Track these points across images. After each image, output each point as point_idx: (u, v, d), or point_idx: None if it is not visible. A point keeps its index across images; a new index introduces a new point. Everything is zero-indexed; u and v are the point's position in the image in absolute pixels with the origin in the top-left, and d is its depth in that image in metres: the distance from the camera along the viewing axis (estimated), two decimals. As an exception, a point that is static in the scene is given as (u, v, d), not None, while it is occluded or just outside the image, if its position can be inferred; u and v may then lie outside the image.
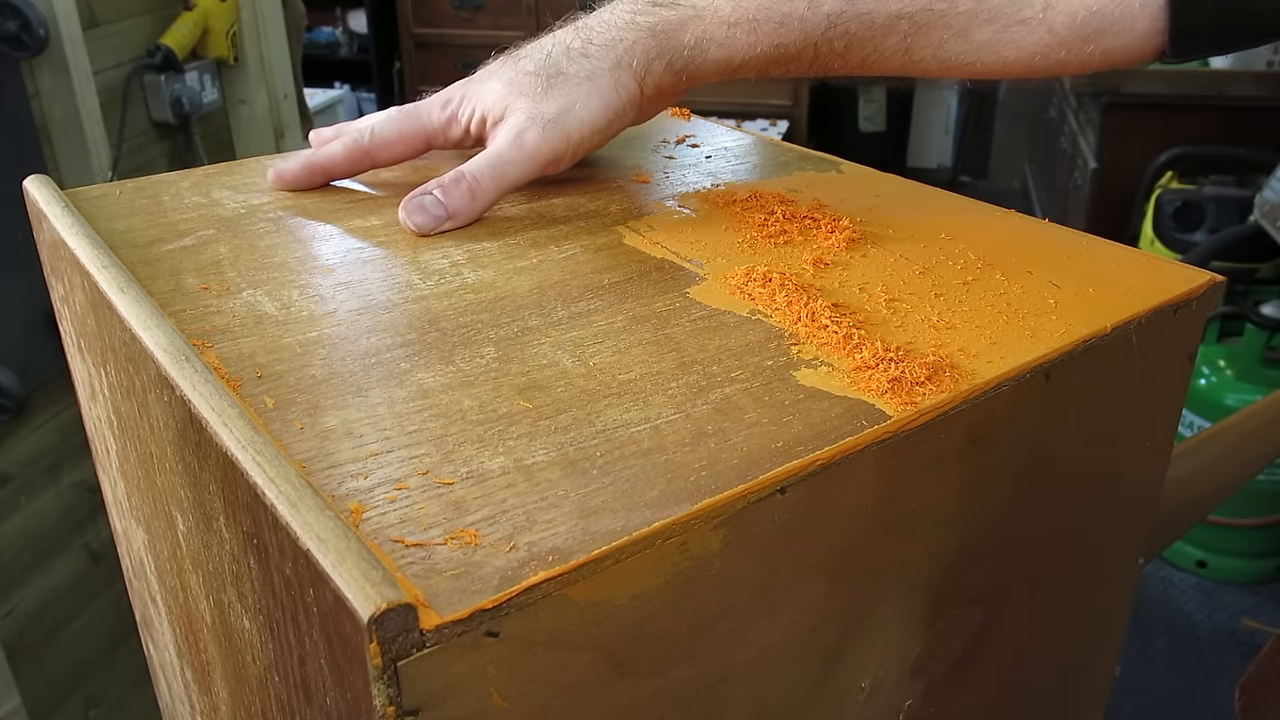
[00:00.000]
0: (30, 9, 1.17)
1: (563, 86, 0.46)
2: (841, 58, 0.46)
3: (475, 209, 0.46)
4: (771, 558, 0.30)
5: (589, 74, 0.46)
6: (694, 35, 0.46)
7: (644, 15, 0.47)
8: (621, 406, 0.32)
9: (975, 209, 0.50)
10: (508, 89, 0.48)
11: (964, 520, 0.36)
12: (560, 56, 0.47)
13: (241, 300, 0.38)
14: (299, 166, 0.50)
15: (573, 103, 0.46)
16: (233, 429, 0.28)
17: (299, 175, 0.50)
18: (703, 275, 0.41)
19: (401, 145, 0.50)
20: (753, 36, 0.46)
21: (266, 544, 0.27)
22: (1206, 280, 0.41)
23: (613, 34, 0.47)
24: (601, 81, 0.47)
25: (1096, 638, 0.49)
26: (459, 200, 0.45)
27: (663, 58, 0.47)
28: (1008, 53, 0.45)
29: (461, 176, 0.46)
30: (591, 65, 0.47)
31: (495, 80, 0.48)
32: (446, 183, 0.46)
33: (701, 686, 0.30)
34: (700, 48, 0.46)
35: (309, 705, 0.28)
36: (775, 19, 0.45)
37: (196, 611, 0.39)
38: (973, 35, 0.44)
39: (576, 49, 0.47)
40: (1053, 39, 0.44)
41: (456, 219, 0.45)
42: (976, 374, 0.34)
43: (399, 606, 0.22)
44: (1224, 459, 0.54)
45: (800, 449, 0.30)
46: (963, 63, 0.46)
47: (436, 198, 0.45)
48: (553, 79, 0.47)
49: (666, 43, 0.47)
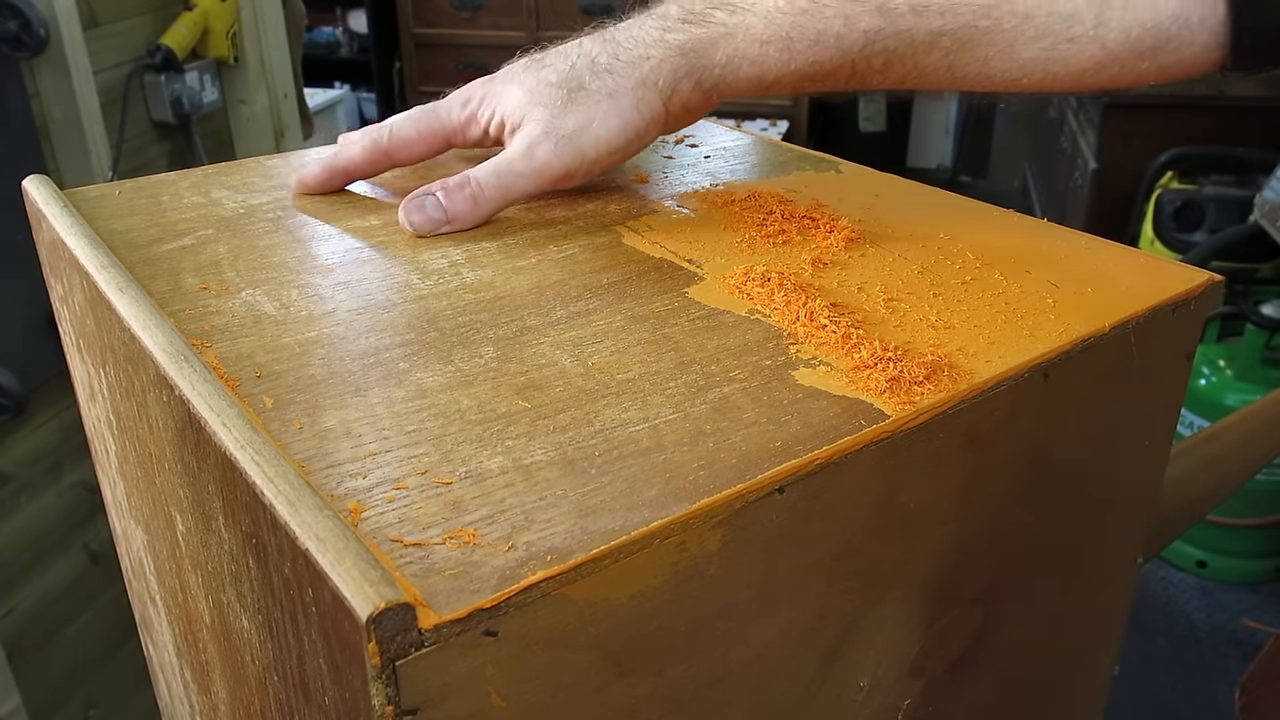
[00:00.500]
0: (30, 9, 1.17)
1: (583, 102, 0.45)
2: (881, 74, 0.45)
3: (476, 216, 0.45)
4: (770, 557, 0.30)
5: (610, 91, 0.45)
6: (725, 53, 0.45)
7: (673, 32, 0.46)
8: (620, 406, 0.32)
9: (974, 209, 0.50)
10: (528, 96, 0.47)
11: (963, 520, 0.36)
12: (584, 70, 0.46)
13: (240, 300, 0.38)
14: (319, 170, 0.50)
15: (591, 120, 0.45)
16: (231, 429, 0.29)
17: (319, 179, 0.50)
18: (701, 275, 0.41)
19: (420, 144, 0.49)
20: (786, 54, 0.45)
21: (265, 543, 0.27)
22: (1205, 280, 0.42)
23: (640, 50, 0.46)
24: (623, 100, 0.45)
25: (1095, 637, 0.49)
26: (461, 205, 0.45)
27: (691, 76, 0.46)
28: (1057, 69, 0.43)
29: (467, 181, 0.45)
30: (615, 82, 0.45)
31: (516, 85, 0.47)
32: (451, 186, 0.45)
33: (700, 686, 0.30)
34: (731, 66, 0.45)
35: (308, 705, 0.28)
36: (810, 36, 0.44)
37: (195, 611, 0.39)
38: (1019, 52, 0.43)
39: (601, 64, 0.46)
40: (1105, 55, 0.42)
41: (455, 224, 0.45)
42: (975, 373, 0.34)
43: (397, 606, 0.22)
44: (1223, 458, 0.54)
45: (799, 448, 0.30)
46: (1010, 79, 0.44)
47: (438, 200, 0.45)
48: (574, 93, 0.45)
49: (696, 61, 0.45)
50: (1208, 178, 2.19)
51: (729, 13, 0.45)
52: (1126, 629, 0.51)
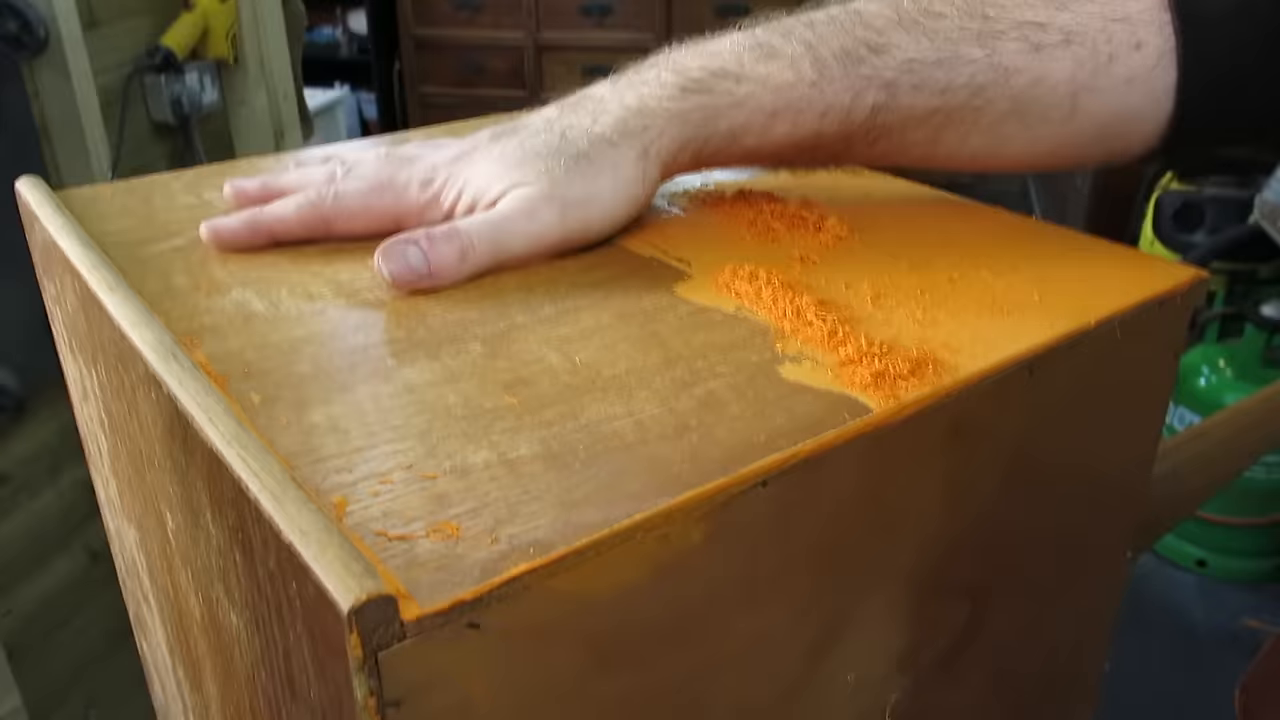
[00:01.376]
0: (30, 9, 1.17)
1: (587, 172, 0.42)
2: (868, 148, 0.45)
3: (461, 273, 0.40)
4: (754, 551, 0.30)
5: (614, 162, 0.42)
6: (730, 124, 0.43)
7: (676, 101, 0.43)
8: (606, 401, 0.32)
9: (962, 207, 0.50)
10: (508, 168, 0.42)
11: (948, 514, 0.36)
12: (580, 138, 0.42)
13: (230, 299, 0.39)
14: (241, 226, 0.43)
15: (598, 190, 0.42)
16: (218, 424, 0.29)
17: (239, 235, 0.43)
18: (690, 273, 0.41)
19: (365, 220, 0.44)
20: (792, 126, 0.43)
21: (251, 538, 0.27)
22: (1191, 276, 0.42)
23: (641, 121, 0.43)
24: (628, 171, 0.42)
25: (1085, 631, 0.49)
26: (446, 259, 0.40)
27: (690, 146, 0.43)
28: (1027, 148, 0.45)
29: (455, 233, 0.40)
30: (618, 154, 0.42)
31: (485, 161, 0.43)
32: (436, 236, 0.40)
33: (684, 679, 0.30)
34: (733, 136, 0.43)
35: (294, 700, 0.28)
36: (818, 109, 0.43)
37: (186, 609, 0.39)
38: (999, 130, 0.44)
39: (600, 134, 0.42)
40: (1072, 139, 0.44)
41: (436, 279, 0.39)
42: (960, 368, 0.34)
43: (379, 598, 0.23)
44: (1213, 454, 0.54)
45: (782, 442, 0.30)
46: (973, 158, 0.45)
47: (421, 250, 0.39)
48: (576, 161, 0.42)
49: (699, 131, 0.43)
50: (1208, 178, 2.19)
51: (735, 82, 0.43)
52: (1126, 628, 0.51)
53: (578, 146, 0.42)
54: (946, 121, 0.43)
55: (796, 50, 0.43)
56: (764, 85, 0.43)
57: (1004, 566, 0.41)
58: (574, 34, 3.05)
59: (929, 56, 0.42)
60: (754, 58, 0.43)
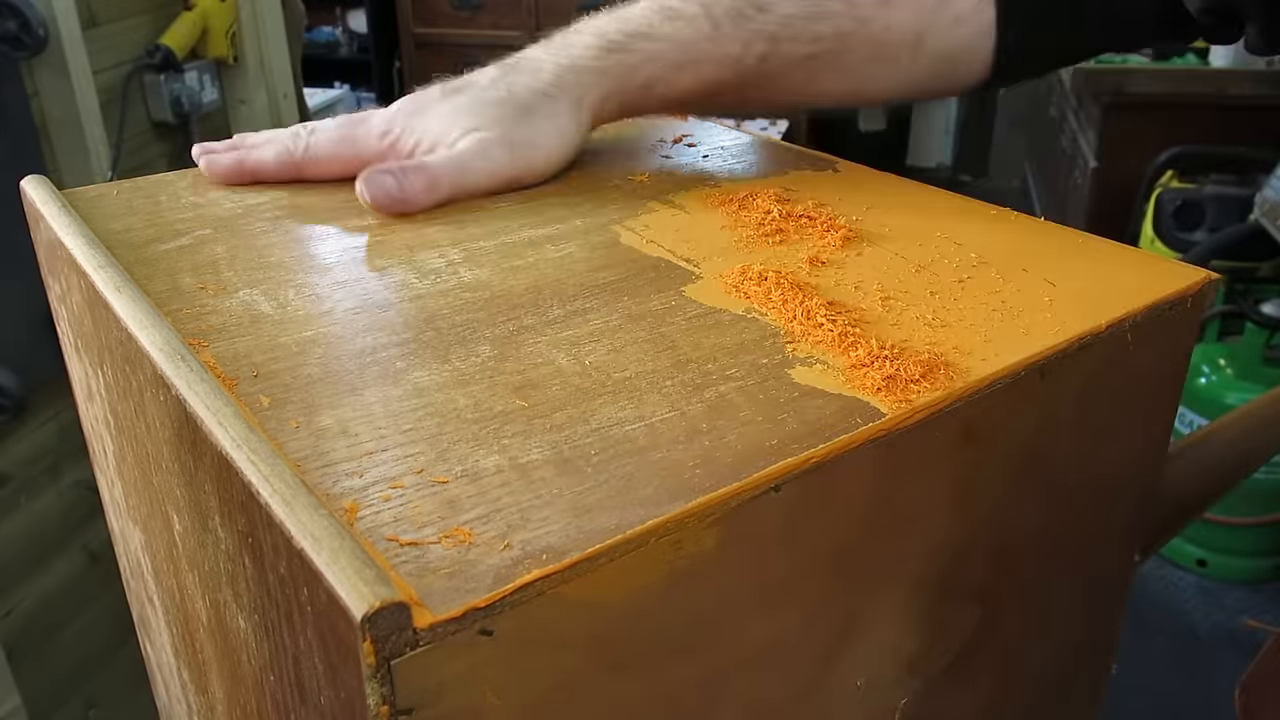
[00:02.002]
0: (30, 9, 1.17)
1: (532, 119, 0.50)
2: (758, 91, 0.52)
3: (428, 201, 0.47)
4: (766, 556, 0.30)
5: (553, 112, 0.50)
6: (645, 77, 0.51)
7: (599, 60, 0.50)
8: (616, 404, 0.32)
9: (971, 207, 0.50)
10: (458, 117, 0.49)
11: (959, 517, 0.36)
12: (523, 92, 0.50)
13: (238, 300, 0.38)
14: (231, 162, 0.51)
15: (543, 135, 0.50)
16: (227, 427, 0.29)
17: (229, 171, 0.51)
18: (698, 274, 0.41)
19: (331, 165, 0.51)
20: (695, 76, 0.51)
21: (261, 543, 0.27)
22: (1202, 278, 0.41)
23: (573, 77, 0.50)
24: (564, 120, 0.50)
25: (1093, 634, 0.49)
26: (415, 187, 0.46)
27: (613, 98, 0.51)
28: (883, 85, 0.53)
29: (424, 167, 0.47)
30: (555, 105, 0.50)
31: (438, 112, 0.50)
32: (409, 168, 0.47)
33: (696, 685, 0.30)
34: (649, 86, 0.51)
35: (304, 705, 0.28)
36: (716, 59, 0.50)
37: (193, 611, 0.39)
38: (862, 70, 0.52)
39: (539, 89, 0.50)
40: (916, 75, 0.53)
41: (408, 205, 0.46)
42: (971, 371, 0.34)
43: (392, 605, 0.22)
44: (1219, 456, 0.54)
45: (795, 447, 0.30)
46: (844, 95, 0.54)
47: (395, 179, 0.46)
48: (522, 110, 0.49)
49: (618, 84, 0.51)
50: (1208, 176, 2.19)
51: (647, 41, 0.50)
52: (1126, 628, 0.51)
53: (523, 99, 0.50)
54: (820, 66, 0.51)
55: (695, 11, 0.50)
56: (670, 42, 0.50)
57: (1014, 569, 0.41)
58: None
59: (803, 12, 0.50)
60: (660, 19, 0.51)
